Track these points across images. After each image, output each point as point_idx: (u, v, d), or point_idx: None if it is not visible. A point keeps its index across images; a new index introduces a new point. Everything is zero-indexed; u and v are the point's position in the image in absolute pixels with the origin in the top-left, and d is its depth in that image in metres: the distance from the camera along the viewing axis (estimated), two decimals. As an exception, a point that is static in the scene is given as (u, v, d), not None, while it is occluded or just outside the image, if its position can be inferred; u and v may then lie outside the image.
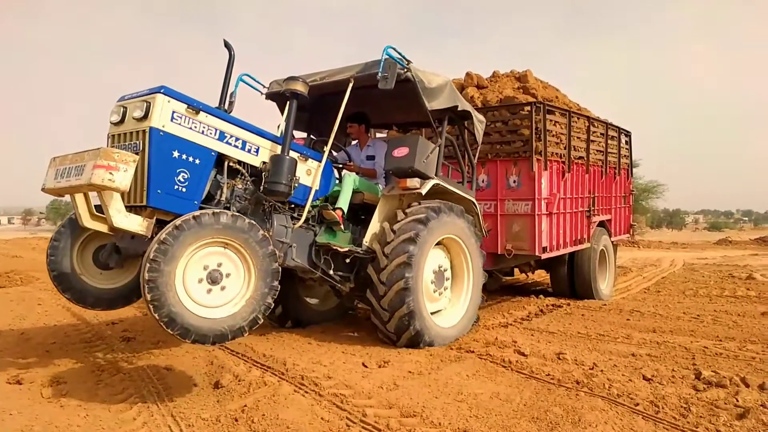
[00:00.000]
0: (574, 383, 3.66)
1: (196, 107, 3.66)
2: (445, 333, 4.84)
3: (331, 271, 4.61)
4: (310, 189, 4.39)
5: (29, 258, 12.90)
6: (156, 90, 3.48)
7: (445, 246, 5.05)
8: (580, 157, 7.32)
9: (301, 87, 4.11)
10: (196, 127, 3.67)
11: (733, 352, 4.48)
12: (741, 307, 6.63)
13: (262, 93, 5.31)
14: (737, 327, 5.47)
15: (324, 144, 4.52)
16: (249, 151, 4.04)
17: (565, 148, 6.88)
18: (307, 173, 4.41)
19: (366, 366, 4.08)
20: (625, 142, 9.17)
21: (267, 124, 4.34)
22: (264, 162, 4.10)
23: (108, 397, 3.46)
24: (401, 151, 4.65)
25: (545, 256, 6.51)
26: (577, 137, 7.26)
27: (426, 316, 4.62)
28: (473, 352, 4.51)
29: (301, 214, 4.33)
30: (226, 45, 4.27)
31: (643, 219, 29.88)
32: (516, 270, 8.02)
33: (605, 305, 6.86)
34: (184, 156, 3.59)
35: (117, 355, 4.44)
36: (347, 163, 5.22)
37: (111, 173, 3.01)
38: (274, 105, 5.43)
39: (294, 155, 4.15)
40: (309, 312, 5.64)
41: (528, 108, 6.37)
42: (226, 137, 3.87)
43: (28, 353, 4.47)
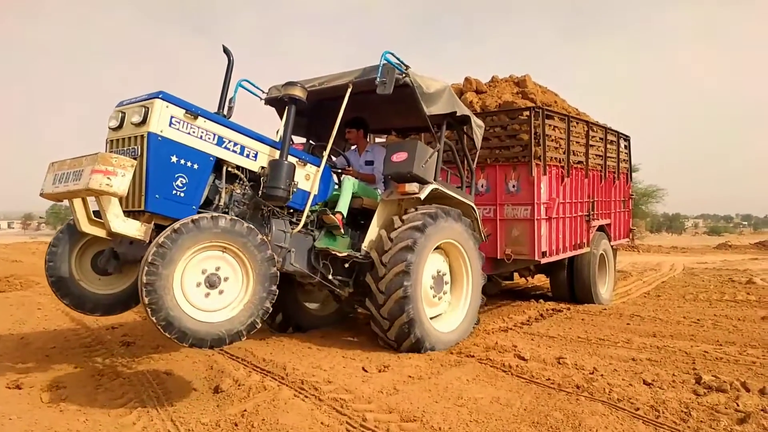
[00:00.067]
0: (574, 388, 3.65)
1: (194, 112, 3.66)
2: (446, 338, 4.83)
3: (330, 276, 4.60)
4: (308, 194, 4.39)
5: (29, 262, 12.87)
6: (154, 95, 3.49)
7: (444, 250, 5.04)
8: (579, 162, 7.32)
9: (300, 92, 4.12)
10: (194, 132, 3.67)
11: (734, 356, 4.47)
12: (741, 312, 6.62)
13: (261, 98, 5.31)
14: (737, 331, 5.46)
15: (323, 149, 4.52)
16: (247, 156, 4.04)
17: (564, 152, 6.89)
18: (306, 178, 4.41)
19: (366, 370, 4.07)
20: (624, 146, 9.17)
21: (266, 129, 4.34)
22: (262, 167, 4.10)
23: (108, 402, 3.45)
24: (400, 156, 4.65)
25: (545, 260, 6.50)
26: (576, 142, 7.27)
27: (426, 322, 4.61)
28: (473, 356, 4.50)
29: (300, 219, 4.32)
30: (225, 51, 4.29)
31: (643, 223, 29.89)
32: (516, 274, 8.01)
33: (605, 310, 6.85)
34: (182, 161, 3.59)
35: (117, 360, 4.42)
36: (346, 168, 5.23)
37: (109, 178, 3.00)
38: (273, 110, 5.45)
39: (292, 160, 4.15)
40: (308, 317, 5.63)
41: (527, 113, 6.38)
42: (224, 142, 3.87)
43: (27, 358, 4.46)
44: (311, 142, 5.67)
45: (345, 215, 4.60)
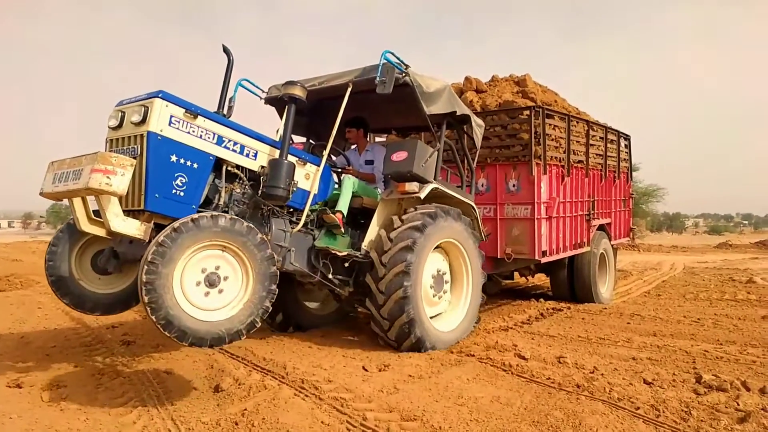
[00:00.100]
0: (574, 387, 3.65)
1: (194, 111, 3.66)
2: (447, 337, 4.83)
3: (330, 275, 4.60)
4: (308, 193, 4.39)
5: (29, 262, 12.87)
6: (154, 94, 3.49)
7: (444, 249, 5.03)
8: (579, 161, 7.32)
9: (300, 91, 4.11)
10: (194, 132, 3.67)
11: (734, 355, 4.46)
12: (741, 311, 6.61)
13: (261, 98, 5.31)
14: (738, 331, 5.46)
15: (323, 148, 4.52)
16: (247, 156, 4.04)
17: (565, 152, 6.88)
18: (306, 177, 4.41)
19: (366, 370, 4.07)
20: (625, 145, 9.17)
21: (266, 128, 4.34)
22: (262, 166, 4.09)
23: (108, 401, 3.45)
24: (400, 155, 4.65)
25: (545, 260, 6.50)
26: (577, 141, 7.26)
27: (426, 322, 4.61)
28: (473, 355, 4.50)
29: (300, 218, 4.32)
30: (225, 50, 4.28)
31: (644, 222, 29.88)
32: (516, 273, 8.00)
33: (605, 309, 6.84)
34: (182, 160, 3.59)
35: (117, 359, 4.42)
36: (346, 168, 5.23)
37: (108, 177, 3.00)
38: (273, 109, 5.44)
39: (292, 159, 4.15)
40: (309, 316, 5.63)
41: (527, 112, 6.38)
42: (224, 141, 3.87)
43: (28, 357, 4.46)
44: (311, 141, 5.67)
45: (345, 214, 4.60)
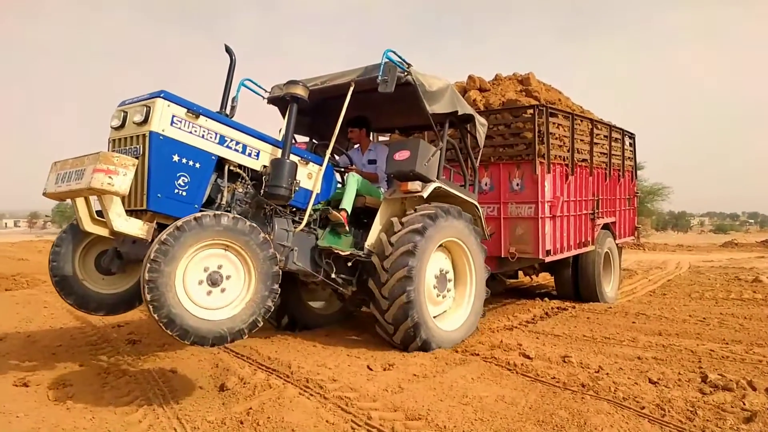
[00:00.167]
0: (579, 386, 3.63)
1: (195, 111, 3.66)
2: (453, 336, 4.82)
3: (333, 275, 4.59)
4: (311, 193, 4.38)
5: (35, 261, 12.94)
6: (156, 94, 3.49)
7: (446, 248, 5.00)
8: (583, 160, 7.29)
9: (302, 91, 4.11)
10: (196, 131, 3.67)
11: (740, 355, 4.43)
12: (747, 310, 6.57)
13: (263, 97, 5.31)
14: (744, 330, 5.42)
15: (326, 148, 4.51)
16: (249, 155, 4.04)
17: (569, 150, 6.85)
18: (308, 177, 4.40)
19: (371, 369, 4.06)
20: (629, 144, 9.13)
21: (270, 128, 4.34)
22: (264, 166, 4.09)
23: (114, 400, 3.45)
24: (402, 155, 4.64)
25: (549, 259, 6.47)
26: (581, 140, 7.23)
27: (431, 324, 4.59)
28: (478, 355, 4.48)
29: (303, 217, 4.31)
30: (227, 50, 4.28)
31: (649, 221, 29.75)
32: (520, 273, 7.98)
33: (610, 308, 6.81)
34: (184, 160, 3.59)
35: (123, 358, 4.44)
36: (349, 167, 5.22)
37: (110, 177, 3.00)
38: (276, 109, 5.44)
39: (294, 159, 4.14)
40: (313, 316, 5.63)
41: (531, 111, 6.35)
42: (226, 141, 3.87)
43: (34, 356, 4.48)
44: (314, 141, 5.67)
45: (349, 212, 4.59)
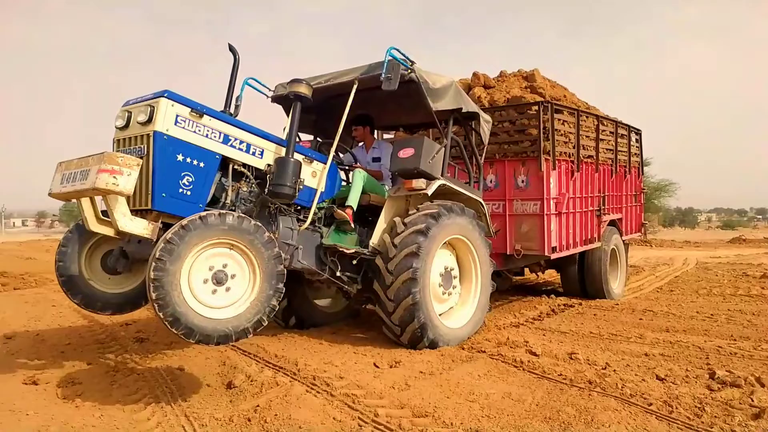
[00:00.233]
0: (586, 383, 3.61)
1: (199, 111, 3.66)
2: (460, 333, 4.82)
3: (339, 273, 4.59)
4: (315, 191, 4.38)
5: (43, 260, 13.02)
6: (160, 94, 3.50)
7: (450, 244, 4.98)
8: (589, 156, 7.25)
9: (305, 89, 4.11)
10: (200, 131, 3.68)
11: (748, 351, 4.41)
12: (755, 306, 6.53)
13: (267, 96, 5.31)
14: (752, 326, 5.39)
15: (330, 146, 4.51)
16: (253, 154, 4.04)
17: (574, 147, 6.82)
18: (312, 175, 4.40)
19: (377, 366, 4.06)
20: (636, 140, 9.07)
21: (274, 126, 4.34)
22: (269, 164, 4.09)
23: (122, 398, 3.47)
24: (407, 152, 4.62)
25: (554, 256, 6.45)
26: (586, 136, 7.19)
27: (437, 323, 4.59)
28: (485, 352, 4.47)
29: (307, 216, 4.31)
30: (231, 49, 4.28)
31: (656, 218, 29.59)
32: (526, 270, 7.96)
33: (617, 305, 6.78)
34: (188, 159, 3.60)
35: (130, 356, 4.46)
36: (353, 165, 5.21)
37: (115, 177, 3.01)
38: (280, 108, 5.44)
39: (299, 157, 4.14)
40: (319, 314, 5.64)
41: (536, 107, 6.32)
42: (230, 140, 3.87)
43: (43, 354, 4.51)
44: (318, 139, 5.67)
45: (355, 209, 4.58)
